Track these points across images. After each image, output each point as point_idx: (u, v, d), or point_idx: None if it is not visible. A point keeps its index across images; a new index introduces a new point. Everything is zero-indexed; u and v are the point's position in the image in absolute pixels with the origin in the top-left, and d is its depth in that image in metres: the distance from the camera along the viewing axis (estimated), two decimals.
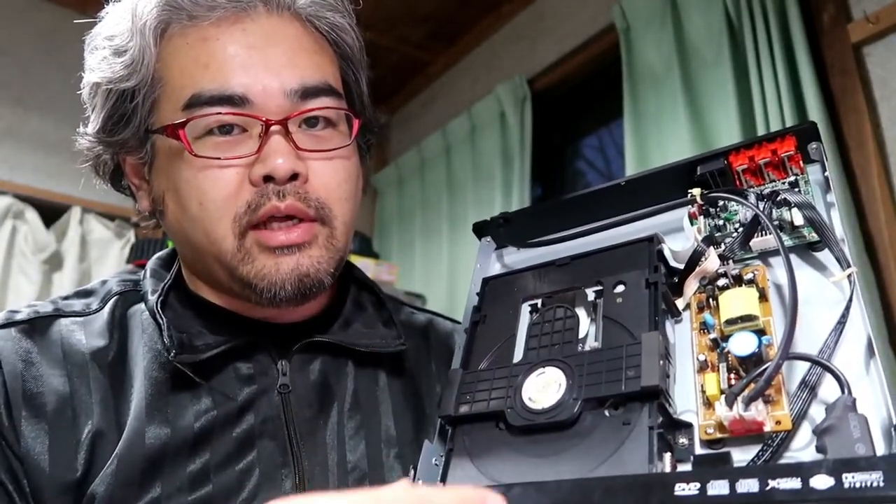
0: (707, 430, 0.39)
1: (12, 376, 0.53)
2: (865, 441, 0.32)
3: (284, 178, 0.53)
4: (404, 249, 2.88)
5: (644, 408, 0.40)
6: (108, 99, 0.57)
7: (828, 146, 1.44)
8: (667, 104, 1.84)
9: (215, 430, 0.55)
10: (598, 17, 2.14)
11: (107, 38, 0.57)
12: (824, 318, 0.40)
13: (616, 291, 0.47)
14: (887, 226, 1.40)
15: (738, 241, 0.46)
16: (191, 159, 0.54)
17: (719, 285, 0.44)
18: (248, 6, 0.56)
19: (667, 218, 0.53)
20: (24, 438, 0.52)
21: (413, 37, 2.72)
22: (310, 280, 0.55)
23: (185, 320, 0.59)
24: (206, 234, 0.55)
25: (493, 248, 0.62)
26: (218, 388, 0.57)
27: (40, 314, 0.58)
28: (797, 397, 0.38)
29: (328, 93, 0.57)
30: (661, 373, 0.40)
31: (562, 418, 0.41)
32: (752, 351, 0.39)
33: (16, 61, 2.52)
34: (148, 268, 0.64)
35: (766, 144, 0.47)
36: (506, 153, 2.39)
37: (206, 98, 0.54)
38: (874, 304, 1.35)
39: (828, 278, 0.43)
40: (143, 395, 0.55)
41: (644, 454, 0.38)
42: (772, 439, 0.37)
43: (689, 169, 0.50)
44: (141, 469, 0.52)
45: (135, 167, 0.61)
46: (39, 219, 2.47)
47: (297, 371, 0.60)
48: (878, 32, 1.45)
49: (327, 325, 0.64)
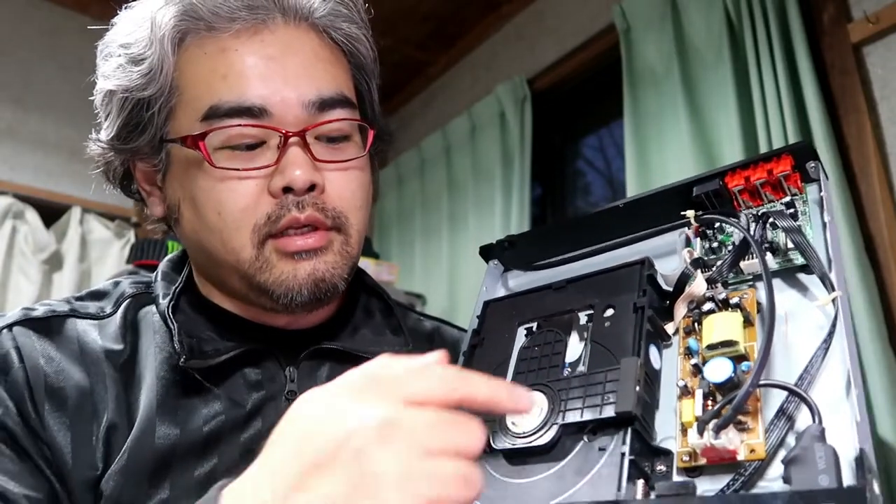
0: (683, 457, 0.39)
1: (34, 370, 0.54)
2: (830, 473, 0.32)
3: (303, 190, 0.54)
4: (404, 249, 2.88)
5: (619, 434, 0.40)
6: (123, 107, 0.57)
7: (828, 146, 1.44)
8: (667, 104, 1.84)
9: (223, 435, 0.56)
10: (598, 17, 2.14)
11: (122, 45, 0.57)
12: (810, 343, 0.40)
13: (606, 315, 0.47)
14: (887, 226, 1.40)
15: (726, 264, 0.45)
16: (210, 170, 0.55)
17: (704, 309, 0.43)
18: (267, 17, 0.56)
19: (669, 239, 0.52)
20: (49, 430, 0.52)
21: (413, 37, 2.71)
22: (325, 285, 0.56)
23: (195, 325, 0.60)
24: (223, 243, 0.56)
25: (500, 271, 0.62)
26: (226, 393, 0.57)
27: (57, 313, 0.59)
28: (774, 425, 0.37)
29: (344, 104, 0.58)
30: (636, 399, 0.40)
31: (541, 443, 0.42)
32: (727, 377, 0.38)
33: (16, 61, 2.52)
34: (159, 270, 0.65)
35: (762, 164, 0.47)
36: (506, 153, 2.39)
37: (225, 109, 0.54)
38: (874, 304, 1.35)
39: (813, 302, 0.42)
40: (153, 394, 0.56)
41: (615, 480, 0.38)
42: (745, 468, 0.36)
43: (687, 190, 0.50)
44: (150, 468, 0.53)
45: (147, 174, 0.61)
46: (39, 219, 2.47)
47: (305, 377, 0.61)
48: (878, 32, 1.45)
49: (336, 331, 0.65)
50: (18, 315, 0.58)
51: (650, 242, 0.53)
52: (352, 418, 0.32)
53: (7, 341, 0.55)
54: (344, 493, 0.30)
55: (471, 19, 2.62)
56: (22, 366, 0.54)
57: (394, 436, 0.31)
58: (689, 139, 1.72)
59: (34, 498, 0.50)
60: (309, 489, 0.31)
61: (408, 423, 0.32)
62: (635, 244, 0.54)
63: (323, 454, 0.31)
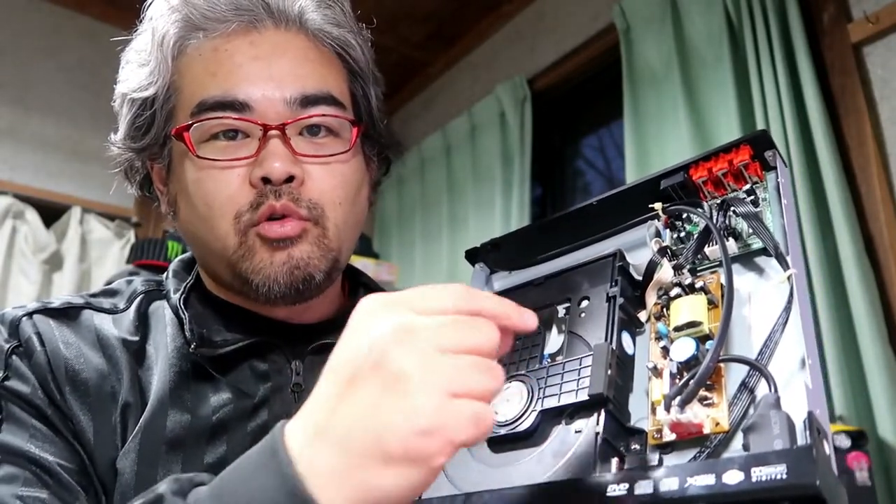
0: (654, 434, 0.40)
1: (54, 354, 0.56)
2: (783, 437, 0.33)
3: (280, 180, 0.57)
4: (404, 249, 2.89)
5: (593, 416, 0.42)
6: (131, 107, 0.62)
7: (828, 146, 1.44)
8: (667, 104, 1.84)
9: (231, 424, 0.58)
10: (598, 17, 2.14)
11: (135, 51, 0.63)
12: (771, 321, 0.41)
13: (581, 307, 0.50)
14: (887, 226, 1.40)
15: (690, 251, 0.47)
16: (195, 161, 0.58)
17: (672, 295, 0.46)
18: (257, 20, 0.60)
19: (643, 232, 0.55)
20: (73, 411, 0.55)
21: (413, 37, 2.72)
22: (300, 273, 0.58)
23: (204, 318, 0.63)
24: (210, 230, 0.59)
25: (486, 273, 0.64)
26: (235, 383, 0.60)
27: (73, 304, 0.62)
28: (737, 399, 0.39)
29: (328, 102, 0.61)
30: (608, 382, 0.42)
31: (521, 429, 0.44)
32: (691, 355, 0.40)
33: (16, 61, 2.52)
34: (170, 269, 0.68)
35: (722, 155, 0.49)
36: (506, 153, 2.39)
37: (211, 104, 0.58)
38: (874, 304, 1.35)
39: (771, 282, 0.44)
40: (165, 381, 0.58)
41: (591, 460, 0.40)
42: (710, 441, 0.38)
43: (655, 184, 0.52)
44: (163, 449, 0.55)
45: (158, 173, 0.66)
46: (39, 219, 2.47)
47: (310, 371, 0.63)
48: (878, 32, 1.45)
49: (339, 328, 0.65)
50: (37, 305, 0.60)
51: (625, 236, 0.55)
52: (371, 331, 0.36)
53: (28, 328, 0.58)
54: (377, 397, 0.34)
55: (471, 19, 2.62)
56: (43, 349, 0.56)
57: (409, 337, 0.35)
58: (689, 139, 1.72)
59: (68, 468, 0.52)
60: (349, 402, 0.34)
61: (420, 325, 0.35)
62: (611, 238, 0.56)
63: (352, 368, 0.35)
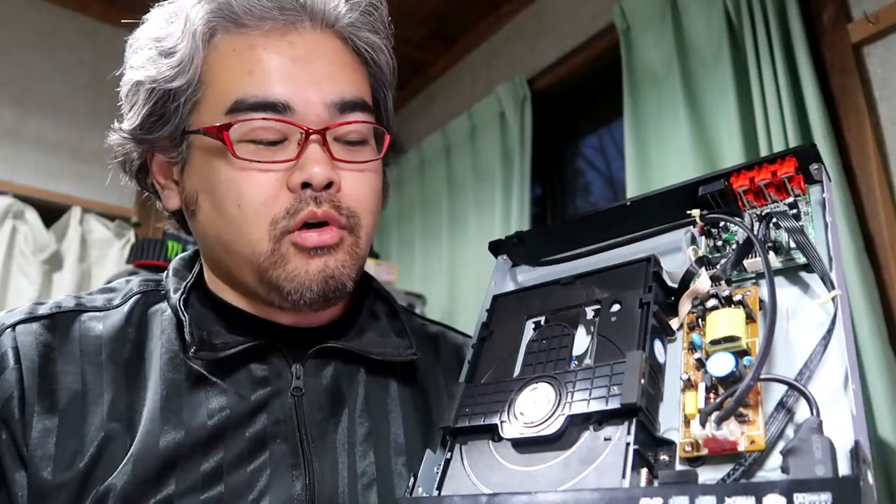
0: (685, 447, 0.40)
1: (29, 372, 0.55)
2: (826, 463, 0.32)
3: (321, 185, 0.56)
4: (404, 249, 2.89)
5: (623, 424, 0.41)
6: (149, 97, 0.59)
7: (828, 146, 1.44)
8: (667, 104, 1.84)
9: (229, 429, 0.57)
10: (598, 17, 2.14)
11: (154, 39, 0.59)
12: (811, 339, 0.40)
13: (612, 310, 0.49)
14: (887, 226, 1.40)
15: (730, 262, 0.46)
16: (232, 161, 0.56)
17: (708, 306, 0.45)
18: (297, 20, 0.59)
19: (674, 237, 0.54)
20: (34, 432, 0.53)
21: (413, 37, 2.72)
22: (334, 282, 0.58)
23: (204, 319, 0.61)
24: (241, 234, 0.57)
25: (508, 265, 0.63)
26: (232, 388, 0.58)
27: (62, 309, 0.60)
28: (773, 418, 0.38)
29: (363, 108, 0.60)
30: (641, 391, 0.41)
31: (548, 432, 0.43)
32: (729, 371, 0.40)
33: (16, 61, 2.52)
34: (170, 268, 0.67)
35: (766, 166, 0.48)
36: (506, 153, 2.39)
37: (250, 103, 0.56)
38: (874, 304, 1.35)
39: (814, 300, 0.43)
40: (157, 396, 0.56)
41: (620, 469, 0.39)
42: (745, 458, 0.37)
43: (692, 189, 0.51)
44: (156, 469, 0.54)
45: (163, 166, 0.63)
46: (39, 219, 2.47)
47: (311, 375, 0.62)
48: (878, 32, 1.45)
49: (342, 332, 0.66)
50: (23, 313, 0.59)
51: (655, 240, 0.54)
52: None
53: (7, 341, 0.56)
54: None
55: (471, 19, 2.62)
56: (17, 367, 0.55)
57: None
58: (689, 139, 1.72)
59: None
60: None
61: None
62: (641, 242, 0.55)
63: None
